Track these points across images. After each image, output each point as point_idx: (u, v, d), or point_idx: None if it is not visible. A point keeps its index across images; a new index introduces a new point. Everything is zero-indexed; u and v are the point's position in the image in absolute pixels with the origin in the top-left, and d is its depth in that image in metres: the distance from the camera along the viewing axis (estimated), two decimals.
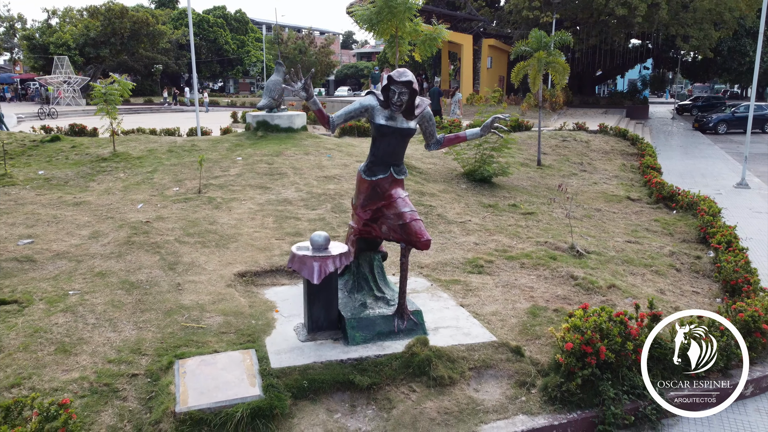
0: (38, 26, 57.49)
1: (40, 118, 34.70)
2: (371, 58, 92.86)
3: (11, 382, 4.60)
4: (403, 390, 4.92)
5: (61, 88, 44.74)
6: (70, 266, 6.78)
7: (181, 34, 60.40)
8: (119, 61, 54.67)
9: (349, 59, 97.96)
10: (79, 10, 57.04)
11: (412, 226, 5.07)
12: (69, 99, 44.79)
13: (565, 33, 13.60)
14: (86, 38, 49.53)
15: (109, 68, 60.09)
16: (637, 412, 4.85)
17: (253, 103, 49.36)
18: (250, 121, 13.92)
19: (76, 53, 49.74)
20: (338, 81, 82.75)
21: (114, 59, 53.42)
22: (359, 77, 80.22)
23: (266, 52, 55.66)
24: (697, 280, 7.61)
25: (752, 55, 42.24)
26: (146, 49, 54.65)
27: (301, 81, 4.68)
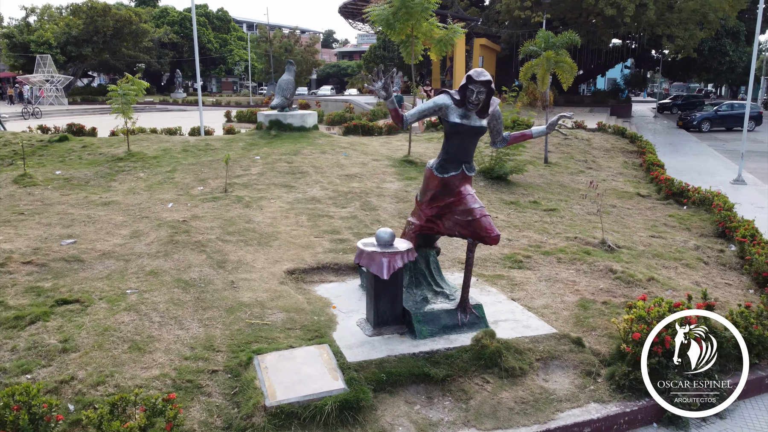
0: (16, 24, 56.32)
1: (24, 117, 34.09)
2: (353, 58, 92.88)
3: (95, 380, 4.63)
4: (477, 381, 5.06)
5: (44, 87, 43.96)
6: (119, 265, 6.78)
7: (164, 32, 59.73)
8: (101, 60, 53.89)
9: (330, 58, 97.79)
10: (58, 8, 56.13)
11: (482, 222, 5.21)
12: (52, 98, 44.02)
13: (573, 33, 13.87)
14: (68, 36, 48.73)
15: (91, 67, 59.32)
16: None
17: (239, 102, 49.11)
18: (262, 120, 13.93)
19: (58, 52, 48.88)
20: (320, 80, 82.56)
21: (96, 58, 52.67)
22: (341, 76, 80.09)
23: (251, 51, 55.28)
24: (726, 273, 7.88)
25: (732, 55, 43.28)
26: (129, 47, 53.92)
27: (381, 80, 4.79)
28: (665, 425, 4.92)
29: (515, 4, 31.14)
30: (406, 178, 11.27)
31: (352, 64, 78.78)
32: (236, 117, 26.24)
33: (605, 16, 29.74)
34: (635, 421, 4.90)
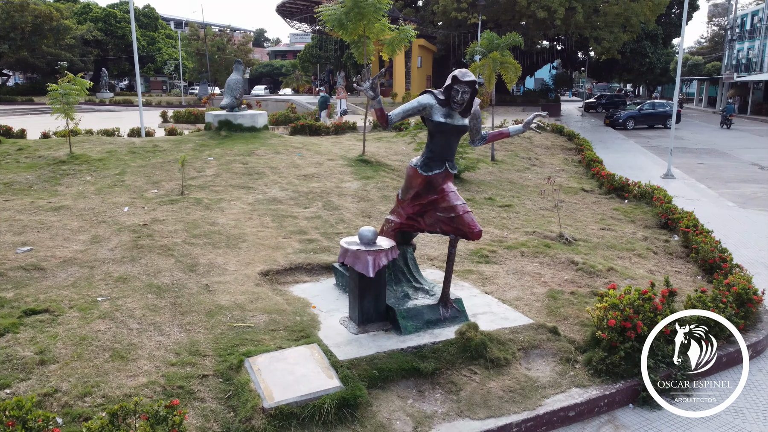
0: None
1: None
2: (286, 57, 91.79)
3: (81, 392, 4.46)
4: (465, 373, 5.21)
5: None
6: (84, 272, 6.51)
7: (87, 29, 57.01)
8: (19, 57, 50.88)
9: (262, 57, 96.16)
10: None
11: (464, 218, 5.36)
12: None
13: (516, 34, 14.34)
14: None
15: (7, 65, 55.83)
16: (671, 378, 5.41)
17: (170, 102, 47.58)
18: (210, 120, 13.62)
19: None
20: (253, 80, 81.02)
21: (13, 56, 49.67)
22: (275, 76, 78.99)
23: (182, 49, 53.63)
24: (673, 261, 8.41)
25: (651, 57, 45.83)
26: (49, 45, 51.15)
27: (368, 81, 4.85)
28: (640, 405, 5.24)
29: (452, 5, 31.76)
30: (364, 177, 11.33)
31: (286, 64, 77.88)
32: (173, 117, 25.45)
33: (537, 18, 30.82)
34: (614, 402, 5.19)
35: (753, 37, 54.56)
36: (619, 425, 4.97)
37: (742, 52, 56.73)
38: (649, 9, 33.09)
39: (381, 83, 38.84)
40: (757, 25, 54.25)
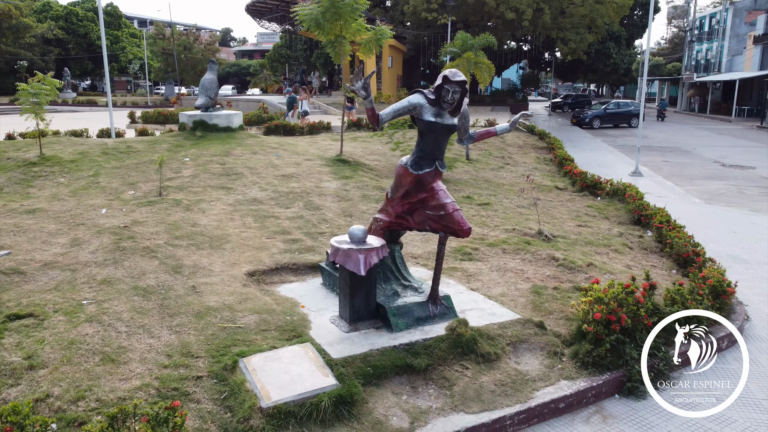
0: None
1: None
2: (253, 57, 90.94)
3: (74, 396, 4.39)
4: (457, 368, 5.29)
5: None
6: (66, 276, 6.39)
7: (48, 27, 55.53)
8: None
9: (229, 57, 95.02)
10: None
11: (454, 216, 5.44)
12: None
13: (489, 35, 14.53)
14: None
15: None
16: (654, 368, 5.58)
17: (135, 102, 46.70)
18: (185, 120, 13.44)
19: None
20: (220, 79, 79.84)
21: None
22: (243, 75, 78.20)
23: (147, 49, 52.70)
24: (649, 256, 8.66)
25: (615, 57, 46.84)
26: (8, 43, 49.66)
27: (361, 81, 4.89)
28: (626, 395, 5.39)
29: (422, 6, 31.97)
30: (342, 177, 11.35)
31: (254, 63, 77.11)
32: (141, 118, 25.03)
33: (505, 19, 31.25)
34: (600, 393, 5.33)
35: (711, 38, 56.29)
36: (607, 415, 5.11)
37: (701, 53, 58.45)
38: (613, 11, 33.85)
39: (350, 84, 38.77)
40: (715, 27, 55.98)
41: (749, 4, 53.29)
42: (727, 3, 54.80)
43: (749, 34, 48.75)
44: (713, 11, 57.92)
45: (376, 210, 9.53)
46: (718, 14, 55.84)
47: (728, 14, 53.52)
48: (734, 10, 53.10)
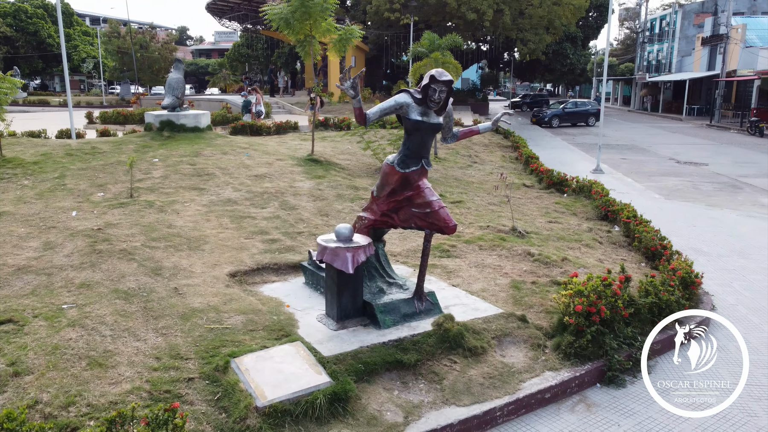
0: None
1: None
2: (211, 56, 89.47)
3: (64, 402, 4.31)
4: (445, 363, 5.39)
5: None
6: (42, 280, 6.23)
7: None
8: None
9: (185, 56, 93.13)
10: None
11: (440, 213, 5.54)
12: None
13: (455, 35, 14.72)
14: None
15: None
16: (631, 357, 5.80)
17: (90, 102, 45.30)
18: (151, 121, 13.17)
19: None
20: None
21: None
22: (201, 75, 76.79)
23: (101, 47, 51.15)
24: (618, 250, 8.96)
25: (572, 58, 47.95)
26: None
27: (350, 80, 4.93)
28: (606, 384, 5.59)
29: (384, 5, 32.07)
30: (315, 176, 11.35)
31: (212, 63, 75.84)
32: (99, 118, 24.36)
33: (467, 20, 31.63)
34: (583, 383, 5.51)
35: (662, 40, 58.21)
36: (591, 403, 5.29)
37: (652, 54, 60.36)
38: (570, 12, 34.67)
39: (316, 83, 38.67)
40: (665, 29, 57.93)
41: (697, 7, 55.36)
42: (677, 6, 56.80)
43: (697, 35, 50.63)
44: (663, 14, 59.87)
45: (351, 209, 9.60)
46: (668, 16, 57.78)
47: (677, 17, 55.45)
48: (683, 13, 55.06)
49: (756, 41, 42.28)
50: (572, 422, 5.00)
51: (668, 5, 63.07)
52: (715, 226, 11.77)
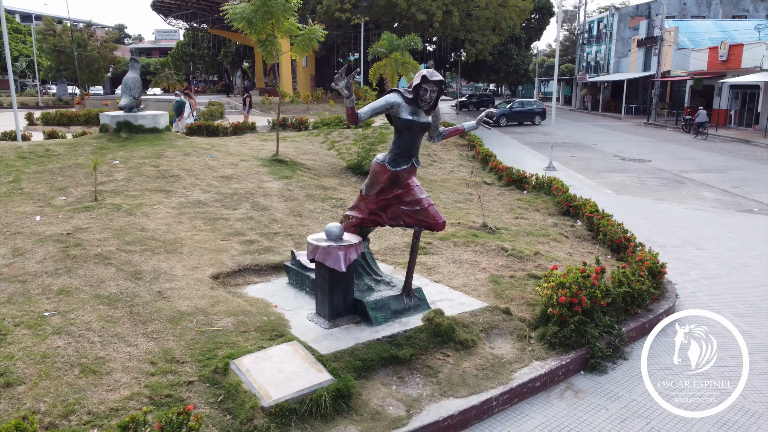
0: None
1: None
2: (151, 55, 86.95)
3: (62, 411, 4.19)
4: (438, 357, 5.52)
5: None
6: (16, 288, 5.99)
7: None
8: None
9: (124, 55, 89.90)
10: None
11: (429, 211, 5.67)
12: None
13: (414, 36, 14.91)
14: None
15: None
16: (611, 345, 6.08)
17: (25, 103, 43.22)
18: (107, 122, 12.75)
19: None
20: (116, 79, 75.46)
21: None
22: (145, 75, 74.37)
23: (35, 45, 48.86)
24: (583, 243, 9.32)
25: (516, 59, 49.18)
26: None
27: (344, 80, 4.98)
28: (589, 371, 5.84)
29: (335, 5, 32.04)
30: (283, 177, 11.28)
31: (154, 62, 73.66)
32: (41, 119, 23.35)
33: (416, 20, 31.98)
34: (569, 371, 5.75)
35: (600, 41, 60.45)
36: (578, 390, 5.53)
37: (591, 55, 62.61)
38: (516, 14, 35.60)
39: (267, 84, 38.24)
40: (603, 31, 60.20)
41: (632, 11, 57.80)
42: (613, 9, 59.14)
43: (633, 37, 52.89)
44: (600, 16, 62.17)
45: (323, 209, 9.62)
46: (605, 19, 60.03)
47: (614, 19, 57.74)
48: (619, 16, 57.38)
49: (687, 43, 44.52)
50: (563, 408, 5.21)
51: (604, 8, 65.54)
52: (665, 219, 12.38)
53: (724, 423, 4.98)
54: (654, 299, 7.17)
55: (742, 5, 55.51)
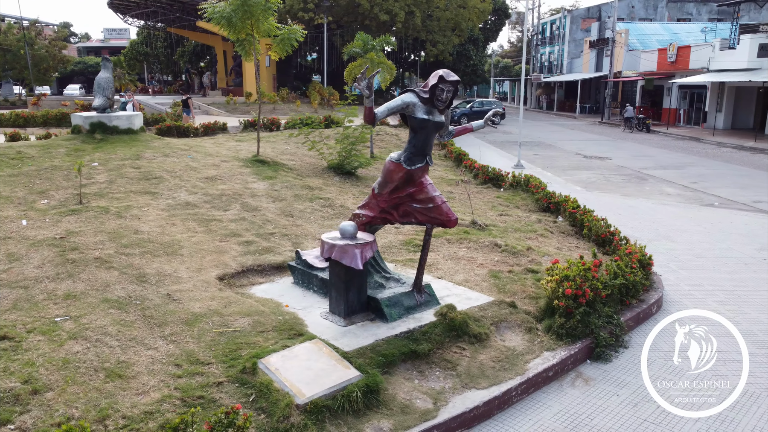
0: None
1: None
2: (100, 53, 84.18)
3: (97, 416, 4.13)
4: (454, 350, 5.65)
5: None
6: (19, 294, 5.81)
7: None
8: None
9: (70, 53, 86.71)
10: None
11: (442, 208, 5.79)
12: None
13: (388, 36, 15.04)
14: None
15: None
16: (612, 334, 6.34)
17: None
18: (80, 123, 12.37)
19: None
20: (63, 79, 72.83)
21: None
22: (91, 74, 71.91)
23: None
24: (568, 238, 9.63)
25: (474, 59, 49.92)
26: None
27: (365, 80, 5.05)
28: (595, 360, 6.08)
29: (298, 5, 31.86)
30: (267, 177, 11.22)
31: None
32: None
33: (379, 21, 32.12)
34: (576, 360, 5.97)
35: (553, 43, 61.99)
36: (587, 378, 5.75)
37: (545, 56, 64.14)
38: (476, 15, 36.20)
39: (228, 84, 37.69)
40: (556, 33, 61.76)
41: (583, 13, 59.52)
42: (565, 11, 60.75)
43: (585, 39, 54.44)
44: (553, 18, 63.74)
45: (313, 209, 9.64)
46: (557, 21, 61.59)
47: (566, 21, 59.33)
48: (571, 18, 59.00)
49: (637, 45, 46.15)
50: (577, 396, 5.42)
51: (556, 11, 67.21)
52: (636, 214, 12.87)
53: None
54: (644, 290, 7.49)
55: (686, 9, 57.91)
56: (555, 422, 5.00)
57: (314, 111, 25.75)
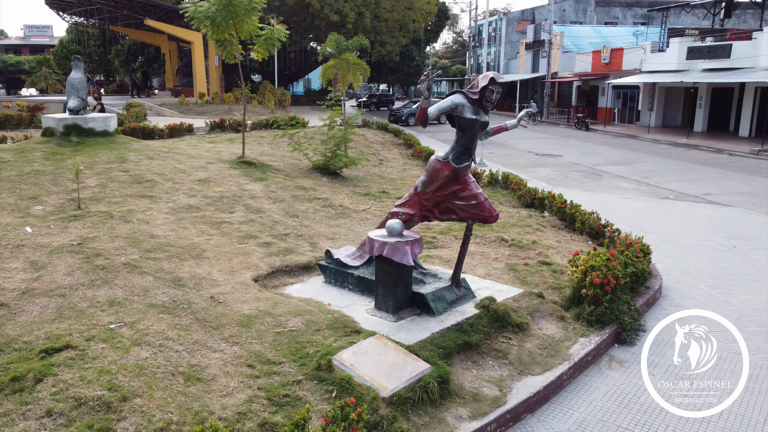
0: None
1: None
2: (21, 52, 79.63)
3: (194, 419, 4.13)
4: (501, 340, 5.91)
5: None
6: (60, 302, 5.61)
7: None
8: None
9: None
10: None
11: (485, 205, 6.04)
12: None
13: (362, 38, 15.18)
14: None
15: None
16: (633, 319, 6.78)
17: None
18: (53, 125, 11.81)
19: None
20: None
21: None
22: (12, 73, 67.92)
23: None
24: (561, 232, 10.10)
25: (417, 60, 50.61)
26: None
27: (427, 81, 5.22)
28: (621, 344, 6.49)
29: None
30: (257, 179, 11.13)
31: (26, 60, 67.51)
32: None
33: (329, 21, 32.10)
34: (607, 345, 6.37)
35: (490, 44, 63.69)
36: (621, 361, 6.15)
37: (482, 57, 65.80)
38: (422, 17, 36.78)
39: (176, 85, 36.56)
40: (492, 35, 63.52)
41: (518, 15, 61.59)
42: (501, 14, 62.60)
43: (521, 41, 56.33)
44: (490, 19, 65.50)
45: (315, 209, 9.70)
46: (494, 23, 63.36)
47: (502, 23, 61.18)
48: (507, 20, 60.91)
49: (571, 47, 48.21)
50: (617, 377, 5.80)
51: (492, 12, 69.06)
52: (607, 208, 13.52)
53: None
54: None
55: (613, 13, 60.93)
56: (608, 402, 5.34)
57: (271, 112, 25.47)
